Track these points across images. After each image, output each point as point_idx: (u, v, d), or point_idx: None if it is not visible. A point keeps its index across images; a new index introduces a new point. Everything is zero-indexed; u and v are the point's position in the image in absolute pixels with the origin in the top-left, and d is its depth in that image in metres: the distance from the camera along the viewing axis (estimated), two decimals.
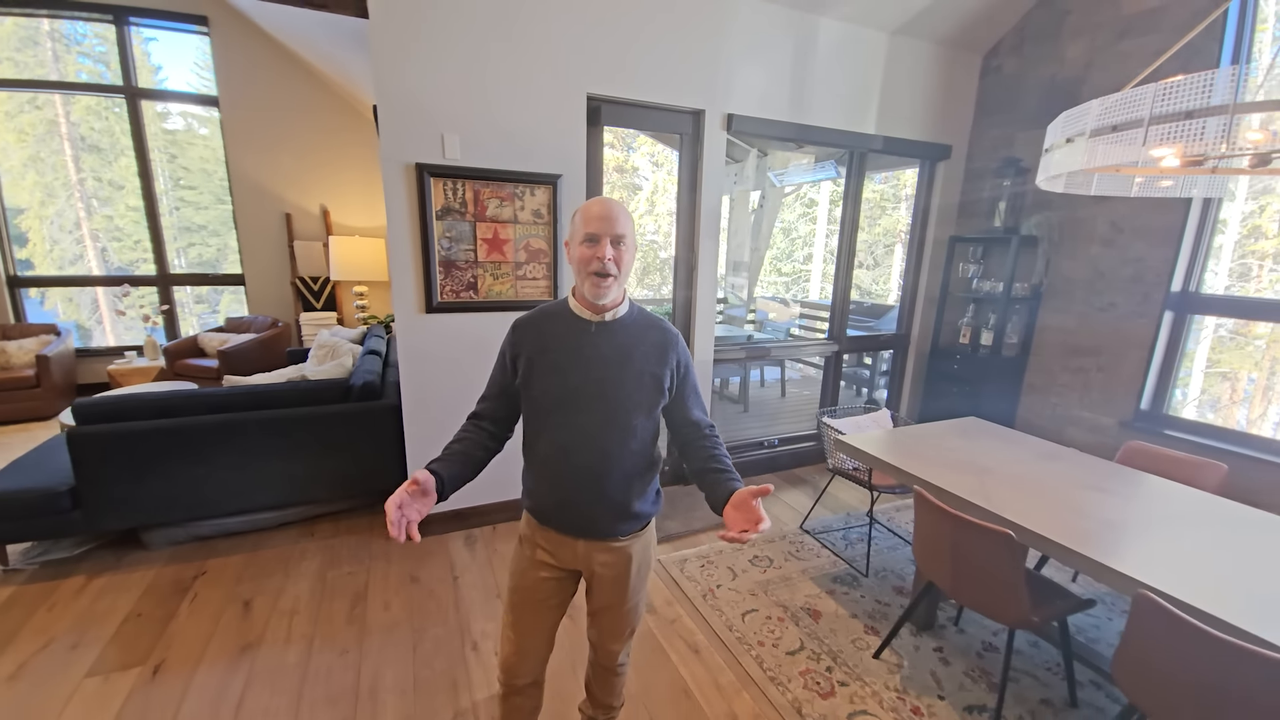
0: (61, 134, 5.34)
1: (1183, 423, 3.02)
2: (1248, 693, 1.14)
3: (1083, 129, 1.42)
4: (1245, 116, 1.27)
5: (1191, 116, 1.29)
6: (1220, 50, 2.74)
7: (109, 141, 5.45)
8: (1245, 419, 3.92)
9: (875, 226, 9.30)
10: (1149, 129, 1.34)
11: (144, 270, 5.42)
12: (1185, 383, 3.25)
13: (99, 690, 1.85)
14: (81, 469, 2.43)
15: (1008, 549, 1.57)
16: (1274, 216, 3.78)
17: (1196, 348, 3.96)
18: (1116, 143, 1.36)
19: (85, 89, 5.01)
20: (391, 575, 2.51)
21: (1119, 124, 1.38)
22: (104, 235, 5.80)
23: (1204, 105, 1.23)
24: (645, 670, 1.99)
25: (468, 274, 2.62)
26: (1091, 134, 1.40)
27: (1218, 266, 3.47)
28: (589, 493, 1.25)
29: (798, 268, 10.86)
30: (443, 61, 2.40)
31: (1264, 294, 3.66)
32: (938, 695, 1.91)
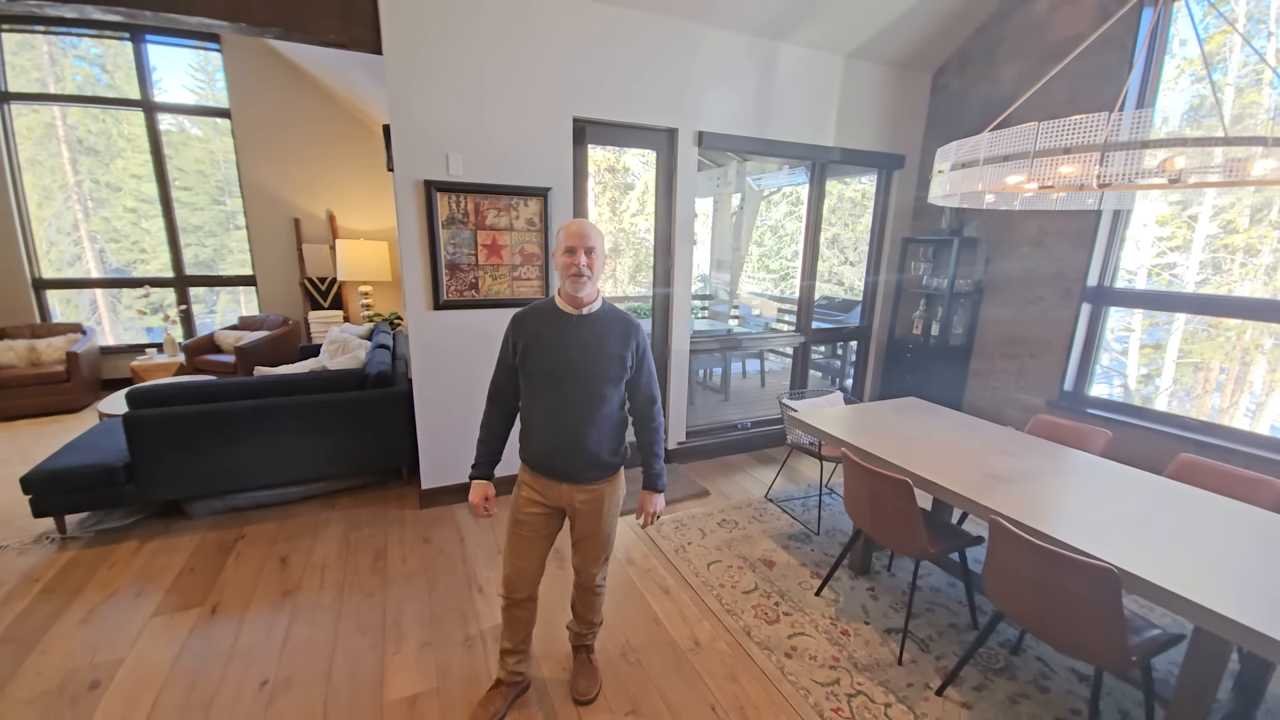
0: (59, 137, 5.49)
1: (1100, 401, 3.44)
2: (1062, 582, 1.54)
3: (953, 160, 1.81)
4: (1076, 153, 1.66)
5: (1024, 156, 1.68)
6: (1129, 73, 3.14)
7: (105, 144, 5.64)
8: (1217, 408, 4.11)
9: (859, 224, 9.70)
10: (996, 164, 1.73)
11: (142, 271, 5.76)
12: (1167, 372, 3.59)
13: (165, 626, 2.23)
14: (135, 447, 2.80)
15: (907, 494, 1.97)
16: (1244, 211, 3.89)
17: (1168, 340, 4.25)
18: (976, 173, 1.75)
19: (107, 103, 5.33)
20: (407, 537, 2.89)
21: (968, 161, 1.77)
22: (101, 237, 5.95)
23: (1022, 150, 1.62)
24: (623, 606, 2.39)
25: (470, 275, 3.00)
26: (953, 167, 1.79)
27: (1137, 263, 3.89)
28: (570, 446, 1.64)
29: (785, 264, 11.27)
30: (447, 91, 2.77)
31: (1230, 289, 3.84)
32: (864, 621, 2.31)
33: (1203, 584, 1.44)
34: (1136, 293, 3.40)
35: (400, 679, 1.97)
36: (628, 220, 9.79)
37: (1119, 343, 4.34)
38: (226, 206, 5.77)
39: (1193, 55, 3.27)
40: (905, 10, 3.48)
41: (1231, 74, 3.63)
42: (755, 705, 1.90)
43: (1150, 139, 1.52)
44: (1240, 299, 3.14)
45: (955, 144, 1.85)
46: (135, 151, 5.75)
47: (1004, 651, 2.16)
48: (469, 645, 2.14)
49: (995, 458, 2.27)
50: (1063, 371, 3.50)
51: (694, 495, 3.42)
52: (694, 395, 5.54)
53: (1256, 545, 1.67)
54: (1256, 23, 3.43)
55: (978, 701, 1.92)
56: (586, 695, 1.89)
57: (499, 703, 1.81)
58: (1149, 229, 3.94)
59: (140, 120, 5.36)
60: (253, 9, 2.40)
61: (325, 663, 2.04)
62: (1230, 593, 1.41)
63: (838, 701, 1.91)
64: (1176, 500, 1.95)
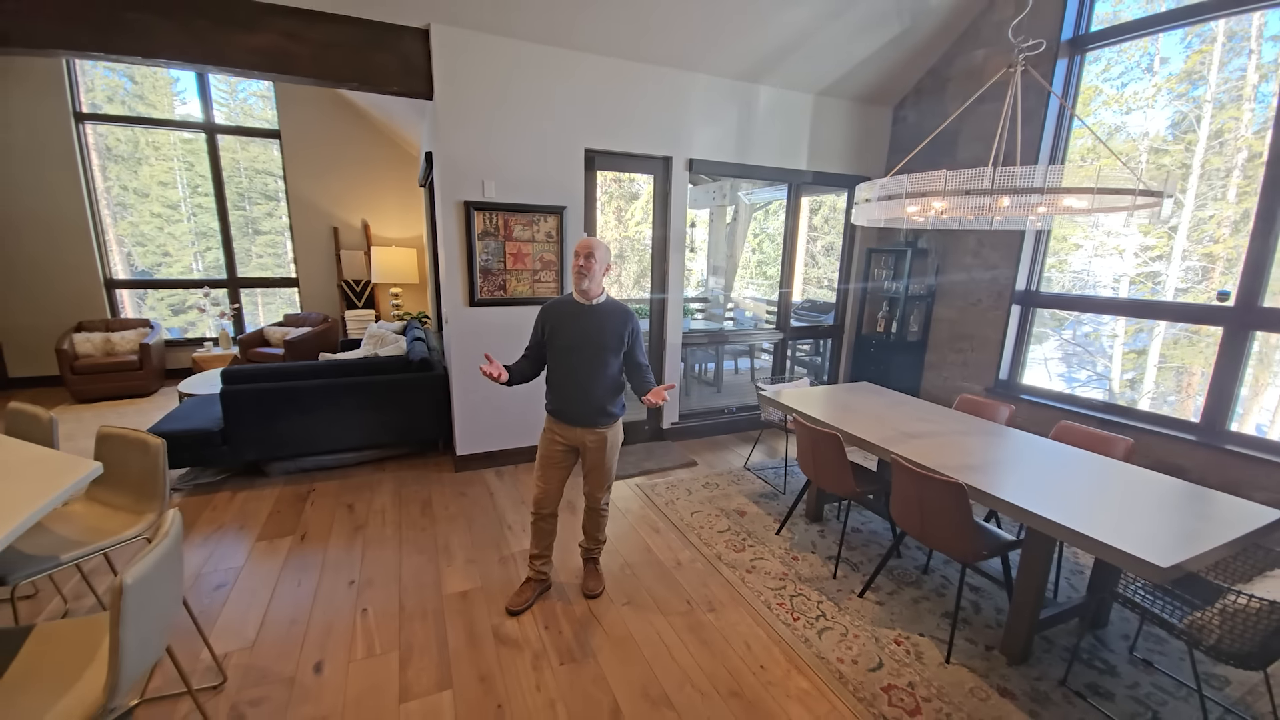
0: (89, 145, 5.74)
1: (1029, 388, 4.05)
2: (938, 499, 2.17)
3: (872, 195, 2.45)
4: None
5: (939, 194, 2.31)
6: (1045, 112, 3.77)
7: (130, 150, 6.19)
8: (1198, 410, 4.36)
9: None
10: (907, 198, 2.36)
11: (166, 273, 6.48)
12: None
13: (268, 548, 2.88)
14: (229, 415, 3.46)
15: (836, 445, 2.60)
16: (1224, 222, 4.08)
17: (1150, 344, 4.52)
18: (881, 206, 2.39)
19: (172, 125, 6.05)
20: (447, 492, 3.54)
21: (890, 195, 2.41)
22: (129, 240, 6.48)
23: (915, 190, 2.25)
24: (622, 540, 3.02)
25: (499, 278, 3.65)
26: (879, 199, 2.42)
27: (1119, 272, 4.33)
28: (582, 399, 2.29)
29: None
30: (483, 129, 3.43)
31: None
32: (811, 552, 2.94)
33: (1032, 498, 2.06)
34: (1057, 295, 4.02)
35: (453, 581, 2.62)
36: (633, 228, 10.48)
37: (1098, 350, 4.77)
38: (246, 211, 6.43)
39: (1173, 73, 3.82)
40: (864, 58, 4.14)
41: (1210, 90, 3.91)
42: (720, 600, 2.53)
43: (997, 186, 2.15)
44: (1157, 302, 3.76)
45: (875, 181, 2.48)
46: (160, 159, 6.44)
47: (917, 571, 2.78)
48: (503, 562, 2.79)
49: (913, 423, 2.90)
50: (998, 363, 4.12)
51: (683, 465, 4.05)
52: (689, 387, 6.19)
53: (1088, 478, 2.29)
54: (1239, 40, 3.71)
55: (889, 601, 2.55)
56: (594, 591, 2.53)
57: (528, 594, 2.45)
58: (1131, 238, 4.33)
59: (166, 131, 6.11)
60: (337, 69, 3.07)
61: (395, 571, 2.69)
62: (1053, 505, 2.03)
63: (783, 598, 2.53)
64: (1039, 449, 2.58)
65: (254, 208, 6.69)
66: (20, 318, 5.50)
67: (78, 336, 5.35)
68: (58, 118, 5.38)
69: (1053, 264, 4.53)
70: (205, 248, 6.71)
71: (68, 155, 5.45)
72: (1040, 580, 2.15)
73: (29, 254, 5.45)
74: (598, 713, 1.91)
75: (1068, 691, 2.05)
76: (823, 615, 2.43)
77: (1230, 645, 1.67)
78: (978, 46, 4.12)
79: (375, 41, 3.15)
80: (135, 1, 2.73)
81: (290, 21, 2.95)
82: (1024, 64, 2.32)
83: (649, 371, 2.38)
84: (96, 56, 2.86)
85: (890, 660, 2.18)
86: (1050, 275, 4.44)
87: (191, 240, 6.74)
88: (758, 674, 2.10)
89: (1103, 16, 3.64)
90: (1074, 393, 4.17)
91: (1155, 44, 3.88)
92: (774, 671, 2.12)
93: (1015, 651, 2.19)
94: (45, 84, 5.30)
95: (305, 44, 3.00)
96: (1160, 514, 1.99)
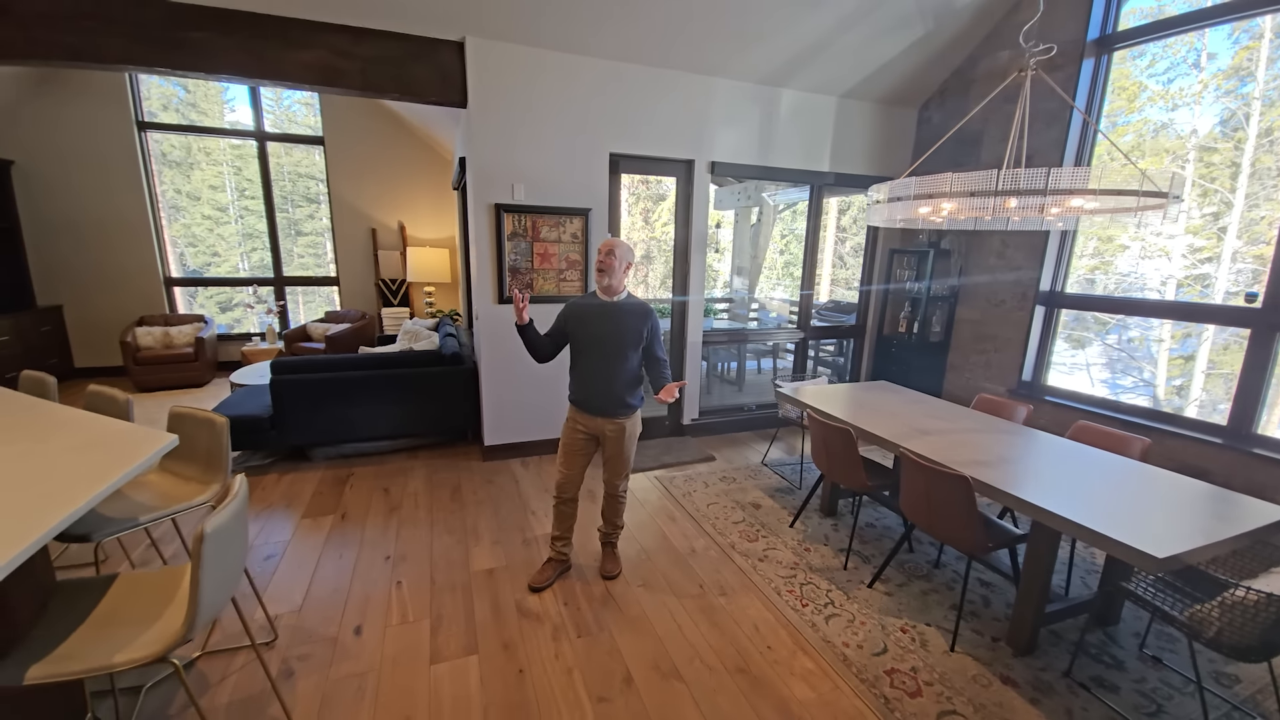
0: (149, 151, 6.15)
1: (1054, 389, 4.03)
2: (943, 489, 2.23)
3: (881, 196, 2.52)
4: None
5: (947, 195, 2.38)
6: (1070, 114, 3.76)
7: (182, 155, 6.57)
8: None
9: None
10: (915, 198, 2.43)
11: (214, 272, 6.89)
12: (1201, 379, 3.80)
13: (312, 525, 3.10)
14: (277, 403, 3.72)
15: (848, 439, 2.67)
16: (1275, 222, 3.80)
17: (1198, 350, 4.31)
18: (894, 206, 2.46)
19: (226, 134, 6.45)
20: (475, 479, 3.72)
21: (898, 197, 2.48)
22: (181, 241, 6.86)
23: (923, 191, 2.32)
24: (640, 529, 3.15)
25: (527, 277, 3.83)
26: (888, 200, 2.50)
27: (1166, 274, 4.16)
28: (603, 390, 2.42)
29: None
30: (513, 135, 3.61)
31: None
32: (824, 544, 3.01)
33: (1035, 492, 2.10)
34: (1081, 296, 3.99)
35: (480, 559, 2.79)
36: (660, 229, 10.61)
37: (1145, 356, 4.57)
38: (289, 214, 6.79)
39: (1221, 69, 3.72)
40: (887, 60, 4.18)
41: (1259, 87, 3.77)
42: (731, 586, 2.63)
43: (1002, 188, 2.20)
44: (1184, 303, 3.71)
45: (885, 183, 2.56)
46: (211, 163, 6.85)
47: (928, 566, 2.83)
48: (527, 544, 2.94)
49: (927, 420, 2.95)
50: (1021, 364, 4.10)
51: (702, 459, 4.16)
52: (711, 385, 6.28)
53: (1097, 475, 2.32)
54: None
55: (898, 592, 2.61)
56: (611, 573, 2.66)
57: (549, 573, 2.60)
58: (1179, 240, 4.17)
59: (217, 138, 6.52)
60: (381, 82, 3.29)
61: (427, 548, 2.87)
62: (1056, 499, 2.07)
63: (793, 586, 2.62)
64: (1052, 447, 2.60)
65: (296, 210, 7.07)
66: (87, 313, 5.95)
67: (140, 330, 5.76)
68: (122, 126, 5.81)
69: (1096, 265, 4.46)
70: (251, 248, 7.11)
71: (131, 161, 5.88)
72: (1045, 573, 2.20)
73: (95, 254, 5.89)
74: (611, 680, 2.04)
75: (1071, 682, 2.09)
76: (831, 603, 2.51)
77: (1230, 638, 1.70)
78: (1002, 48, 4.11)
79: (416, 55, 3.36)
80: (199, 22, 2.99)
81: (339, 39, 3.18)
82: (1035, 68, 2.36)
83: (666, 367, 2.50)
84: (162, 72, 3.14)
85: (895, 646, 2.25)
86: (1094, 277, 4.38)
87: (239, 241, 7.15)
88: (764, 653, 2.20)
89: (1147, 11, 3.56)
90: (1114, 398, 4.12)
91: (1202, 39, 3.82)
92: (780, 652, 2.21)
93: (1021, 643, 2.24)
94: (111, 95, 5.72)
95: (353, 59, 3.23)
96: (1167, 510, 2.02)
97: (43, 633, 1.30)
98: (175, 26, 2.98)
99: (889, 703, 1.96)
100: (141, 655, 1.23)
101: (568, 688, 2.01)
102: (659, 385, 2.44)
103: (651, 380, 2.51)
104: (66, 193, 5.69)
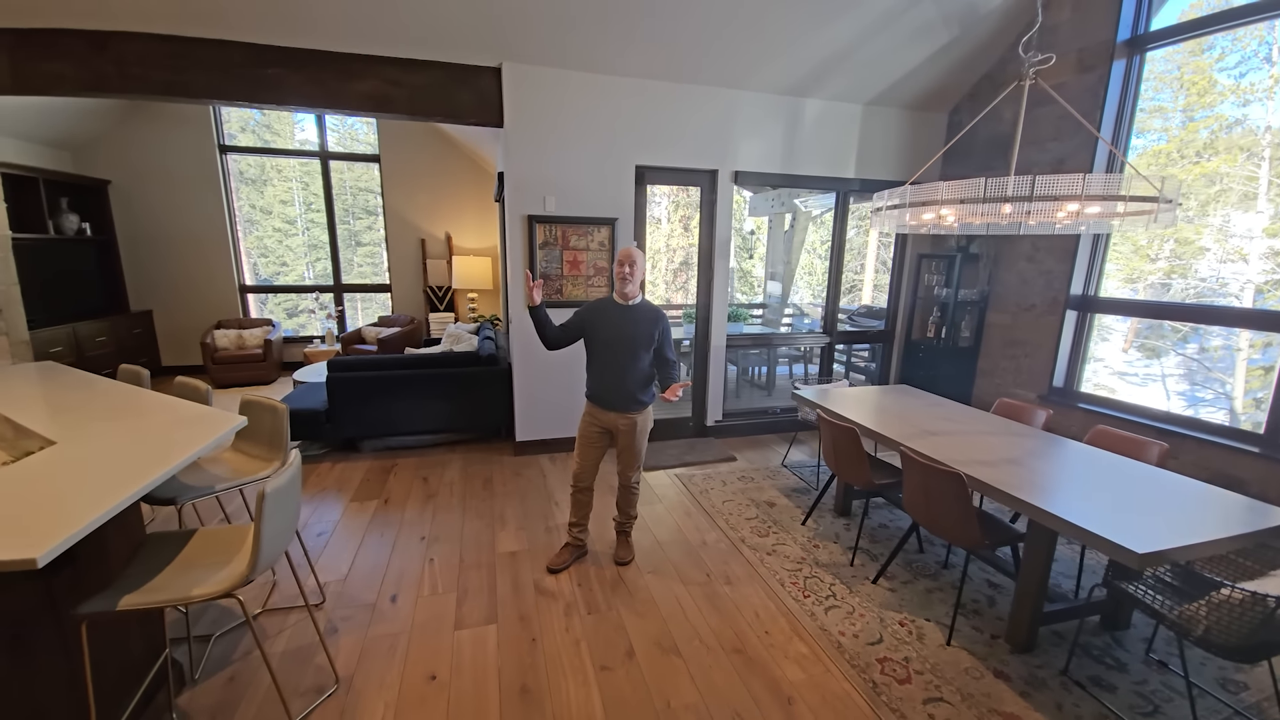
0: (229, 171, 6.87)
1: (1087, 396, 3.94)
2: (939, 486, 2.30)
3: (882, 204, 2.61)
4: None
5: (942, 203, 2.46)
6: (1101, 115, 3.70)
7: (257, 173, 7.27)
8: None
9: None
10: (915, 207, 2.51)
11: (283, 281, 7.49)
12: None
13: (359, 508, 3.43)
14: (332, 399, 4.10)
15: (853, 437, 2.76)
16: None
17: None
18: (899, 212, 2.55)
19: (293, 154, 7.07)
20: (506, 472, 3.99)
21: (895, 204, 2.56)
22: (254, 252, 7.56)
23: (918, 200, 2.41)
24: (655, 522, 3.31)
25: (557, 283, 4.08)
26: (886, 208, 2.59)
27: (1244, 279, 3.96)
28: (616, 387, 2.61)
29: (852, 277, 11.79)
30: (546, 151, 3.88)
31: None
32: (833, 542, 3.09)
33: (1027, 489, 2.15)
34: (1116, 300, 3.89)
35: (505, 542, 3.02)
36: (687, 238, 10.74)
37: (1220, 366, 4.31)
38: (349, 226, 7.33)
39: None
40: (913, 67, 4.22)
41: None
42: (737, 576, 2.76)
43: (1008, 195, 2.27)
44: (1223, 308, 3.58)
45: (886, 191, 2.64)
46: (282, 180, 7.51)
47: (936, 565, 2.87)
48: (549, 531, 3.16)
49: (939, 422, 2.99)
50: (1052, 369, 4.03)
51: (723, 459, 4.28)
52: (741, 390, 6.38)
53: (1103, 477, 2.32)
54: None
55: (902, 589, 2.67)
56: (624, 559, 2.84)
57: (566, 556, 2.81)
58: (1256, 242, 3.95)
59: (290, 160, 7.12)
60: (427, 107, 3.63)
61: (458, 531, 3.14)
62: (1046, 496, 2.11)
63: (797, 579, 2.73)
64: (1062, 449, 2.60)
65: (357, 222, 7.64)
66: (173, 317, 6.63)
67: (217, 333, 6.38)
68: (205, 149, 6.48)
69: (1174, 269, 4.28)
70: (315, 258, 7.72)
71: (212, 181, 6.54)
72: (1042, 570, 2.22)
73: (182, 264, 6.57)
74: (615, 653, 2.22)
75: (1067, 680, 2.11)
76: (833, 596, 2.60)
77: (1217, 636, 1.71)
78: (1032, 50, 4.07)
79: (458, 81, 3.68)
80: (273, 60, 3.39)
81: (391, 70, 3.53)
82: (1034, 78, 2.41)
83: (674, 367, 2.68)
84: (242, 105, 3.58)
85: (891, 638, 2.33)
86: (1171, 281, 4.22)
87: (304, 251, 7.79)
88: (761, 638, 2.33)
89: (1214, 3, 3.40)
90: (1141, 404, 3.99)
91: (1273, 32, 3.69)
92: (776, 636, 2.33)
93: (1019, 640, 2.27)
94: (196, 121, 6.40)
95: (402, 87, 3.58)
96: (1164, 511, 2.03)
97: (134, 572, 1.60)
98: (253, 64, 3.39)
99: (877, 687, 2.05)
100: (213, 590, 1.50)
101: (575, 656, 2.20)
102: (665, 384, 2.62)
103: (660, 379, 2.69)
104: (156, 209, 6.40)
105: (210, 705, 1.93)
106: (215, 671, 2.08)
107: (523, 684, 2.06)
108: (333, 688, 2.01)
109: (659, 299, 9.71)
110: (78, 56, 3.19)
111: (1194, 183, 3.95)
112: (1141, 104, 3.75)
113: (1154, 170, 3.98)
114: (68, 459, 1.66)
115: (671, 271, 11.13)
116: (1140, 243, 4.42)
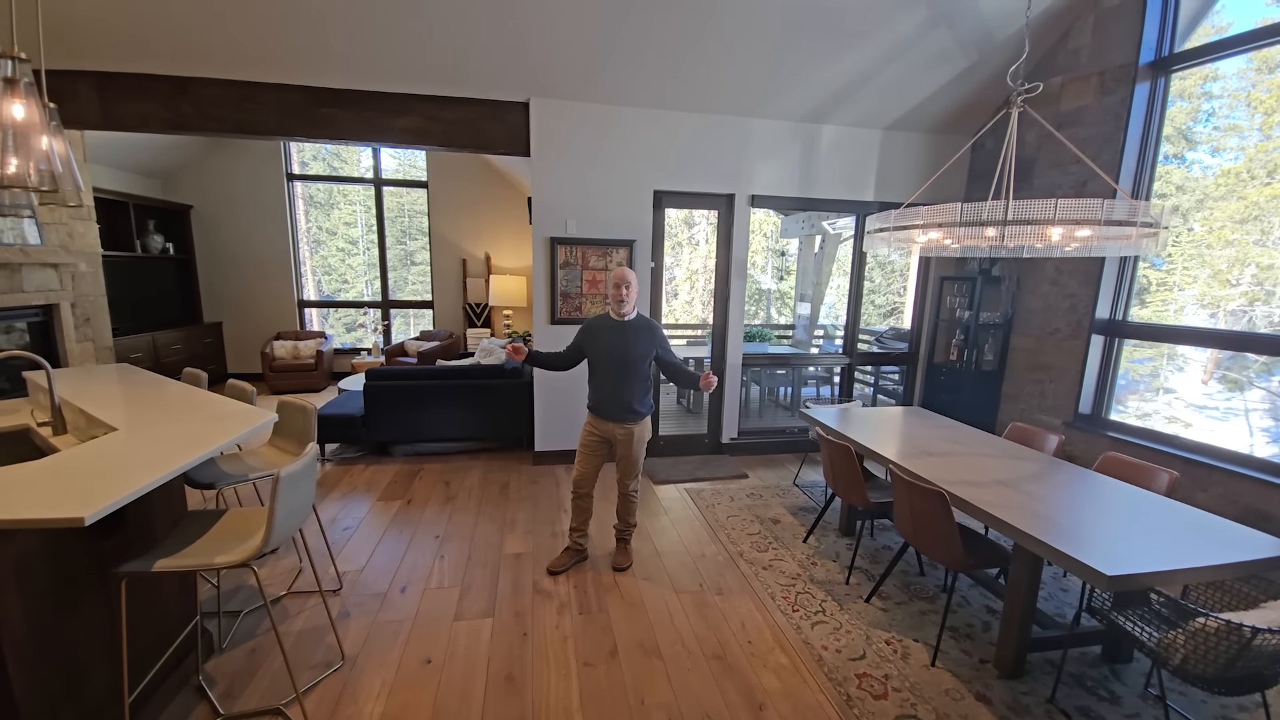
0: (296, 195, 7.56)
1: (1115, 424, 3.79)
2: (923, 505, 2.32)
3: (877, 226, 2.68)
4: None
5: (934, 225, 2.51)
6: (1124, 138, 3.64)
7: (325, 198, 7.95)
8: None
9: None
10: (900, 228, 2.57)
11: (345, 297, 8.04)
12: None
13: (384, 507, 3.68)
14: (369, 406, 4.42)
15: (848, 455, 2.79)
16: None
17: None
18: (893, 232, 2.62)
19: (350, 180, 7.68)
20: (523, 479, 4.17)
21: (895, 225, 2.62)
22: (319, 270, 8.27)
23: (901, 223, 2.47)
24: (657, 533, 3.41)
25: (576, 301, 4.29)
26: (878, 230, 2.65)
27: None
28: (615, 398, 2.76)
29: (894, 299, 11.60)
30: (568, 177, 4.13)
31: None
32: (833, 560, 3.09)
33: (1014, 512, 2.14)
34: (1143, 325, 3.75)
35: (512, 544, 3.19)
36: (705, 261, 10.84)
37: None
38: (405, 246, 7.84)
39: None
40: (931, 92, 4.26)
41: None
42: (730, 587, 2.82)
43: (992, 219, 2.31)
44: (1248, 334, 3.42)
45: (879, 214, 2.71)
46: (347, 204, 8.14)
47: (935, 589, 2.83)
48: (554, 536, 3.31)
49: (941, 444, 2.97)
50: (1077, 395, 3.90)
51: (735, 476, 4.33)
52: (764, 410, 6.39)
53: (1098, 503, 2.28)
54: None
55: (894, 610, 2.66)
56: (621, 566, 2.95)
57: (567, 559, 2.94)
58: None
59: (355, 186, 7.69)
60: (460, 139, 3.96)
61: (470, 532, 3.33)
62: (1024, 517, 2.10)
63: (789, 593, 2.76)
64: (1063, 474, 2.56)
65: (412, 242, 8.20)
66: (239, 328, 7.27)
67: (276, 343, 6.95)
68: (274, 178, 7.14)
69: (1255, 295, 4.01)
70: (373, 276, 8.30)
71: (279, 207, 7.18)
72: (1027, 593, 2.19)
73: (248, 282, 7.22)
74: (599, 651, 2.33)
75: (1052, 708, 2.07)
76: (822, 611, 2.62)
77: (1194, 666, 1.67)
78: (1054, 74, 4.06)
79: (489, 116, 4.00)
80: (327, 100, 3.80)
81: (429, 106, 3.89)
82: (1021, 105, 2.46)
83: (684, 365, 2.81)
84: (302, 139, 4.01)
85: (875, 655, 2.33)
86: (1251, 310, 3.95)
87: (364, 269, 8.40)
88: (743, 646, 2.38)
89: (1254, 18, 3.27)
90: (1172, 433, 3.80)
91: None
92: (759, 646, 2.38)
93: (1007, 666, 2.23)
94: (267, 153, 7.08)
95: (439, 122, 3.92)
96: (1159, 537, 1.98)
97: (173, 541, 1.85)
98: (311, 105, 3.81)
99: (850, 700, 2.07)
100: (233, 559, 1.72)
101: (561, 652, 2.32)
102: (689, 380, 2.74)
103: (678, 380, 2.81)
104: (230, 231, 7.08)
105: (232, 672, 2.16)
106: (241, 643, 2.32)
107: (509, 673, 2.20)
108: (338, 664, 2.21)
109: (696, 318, 9.86)
110: (161, 98, 3.67)
111: (1268, 203, 3.76)
112: (1216, 122, 3.67)
113: (1227, 190, 3.85)
114: (124, 442, 1.94)
115: (709, 292, 11.29)
116: (1220, 267, 4.22)
